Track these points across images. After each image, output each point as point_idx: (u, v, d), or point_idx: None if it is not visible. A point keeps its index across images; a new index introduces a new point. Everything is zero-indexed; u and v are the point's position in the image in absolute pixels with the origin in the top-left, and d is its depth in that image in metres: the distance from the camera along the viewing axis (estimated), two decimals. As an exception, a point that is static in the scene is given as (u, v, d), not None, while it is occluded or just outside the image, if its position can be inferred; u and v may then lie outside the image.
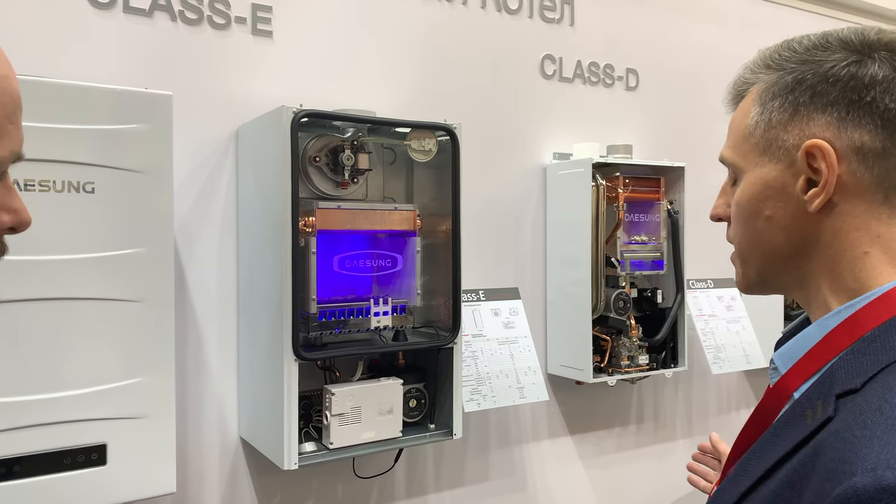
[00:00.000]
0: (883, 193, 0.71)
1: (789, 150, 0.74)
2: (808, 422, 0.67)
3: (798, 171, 0.73)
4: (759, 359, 2.33)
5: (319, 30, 1.74)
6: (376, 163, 1.68)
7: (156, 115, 1.29)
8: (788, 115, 0.74)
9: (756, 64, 0.79)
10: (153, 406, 1.29)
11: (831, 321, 0.73)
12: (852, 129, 0.70)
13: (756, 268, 0.81)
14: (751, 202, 0.77)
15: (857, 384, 0.65)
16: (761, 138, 0.76)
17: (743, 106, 0.80)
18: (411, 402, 1.64)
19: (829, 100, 0.71)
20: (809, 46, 0.74)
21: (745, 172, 0.78)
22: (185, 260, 1.58)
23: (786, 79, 0.74)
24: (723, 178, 0.85)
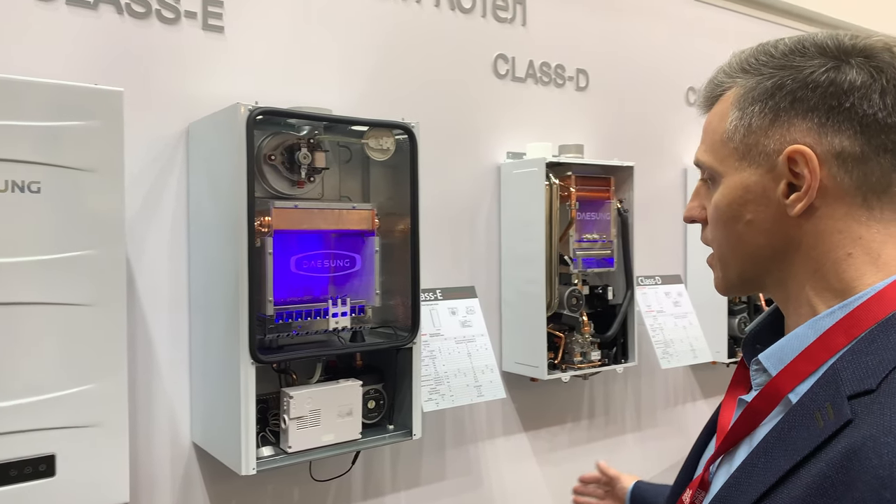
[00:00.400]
0: (862, 196, 0.72)
1: (770, 155, 0.74)
2: (820, 425, 0.66)
3: (779, 176, 0.73)
4: (706, 353, 2.39)
5: (273, 26, 1.71)
6: (332, 161, 1.66)
7: (106, 112, 1.24)
8: (769, 120, 0.74)
9: (732, 67, 0.79)
10: (105, 413, 1.24)
11: (825, 321, 0.73)
12: (832, 135, 0.71)
13: (737, 270, 0.81)
14: (731, 206, 0.78)
15: (871, 385, 0.65)
16: (741, 143, 0.76)
17: (719, 109, 0.80)
18: (370, 403, 1.63)
19: (809, 105, 0.72)
20: (786, 52, 0.75)
21: (724, 176, 0.78)
22: (134, 261, 1.53)
23: (765, 84, 0.75)
24: (669, 177, 0.86)
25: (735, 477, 0.73)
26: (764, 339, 0.86)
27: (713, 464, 0.82)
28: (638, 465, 2.47)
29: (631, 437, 2.46)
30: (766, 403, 0.76)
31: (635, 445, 2.47)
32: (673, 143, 2.56)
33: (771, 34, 0.79)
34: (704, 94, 0.83)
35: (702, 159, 0.82)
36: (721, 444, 0.81)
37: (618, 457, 2.42)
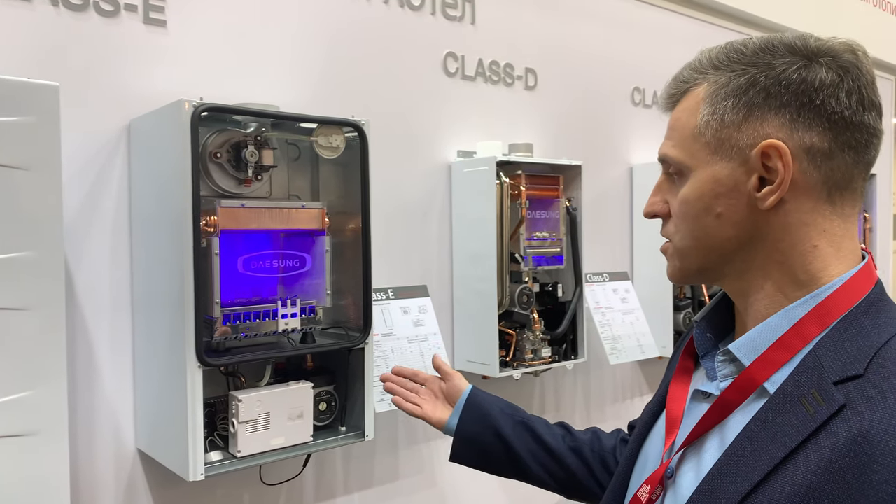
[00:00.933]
0: (827, 191, 0.75)
1: (743, 149, 0.76)
2: (810, 412, 0.69)
3: (752, 170, 0.75)
4: (652, 348, 2.44)
5: (218, 20, 1.66)
6: (281, 159, 1.63)
7: (41, 107, 1.18)
8: (742, 115, 0.76)
9: (702, 64, 0.81)
10: (43, 421, 1.19)
11: (798, 311, 0.75)
12: (803, 131, 0.74)
13: (699, 261, 0.82)
14: (702, 199, 0.79)
15: (858, 370, 0.69)
16: (713, 137, 0.78)
17: (687, 105, 0.81)
18: (321, 405, 1.60)
19: (782, 101, 0.74)
20: (756, 50, 0.77)
21: (694, 170, 0.80)
22: (73, 263, 1.47)
23: (738, 80, 0.76)
24: (616, 176, 0.87)
25: (719, 468, 0.74)
26: (713, 329, 0.88)
27: (674, 457, 0.82)
28: (588, 459, 2.49)
29: (581, 432, 2.49)
30: (739, 394, 0.77)
31: (585, 440, 2.50)
32: (619, 143, 2.60)
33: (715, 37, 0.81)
34: (669, 90, 0.84)
35: (669, 154, 0.82)
36: (687, 437, 0.80)
37: (568, 452, 2.44)
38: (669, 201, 0.84)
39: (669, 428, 0.86)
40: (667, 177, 0.85)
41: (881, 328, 0.72)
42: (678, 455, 0.81)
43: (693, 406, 0.84)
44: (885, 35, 3.89)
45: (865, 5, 3.76)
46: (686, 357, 0.90)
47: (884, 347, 0.70)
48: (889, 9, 3.96)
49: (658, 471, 0.83)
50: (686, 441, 0.80)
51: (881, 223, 3.65)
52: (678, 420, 0.85)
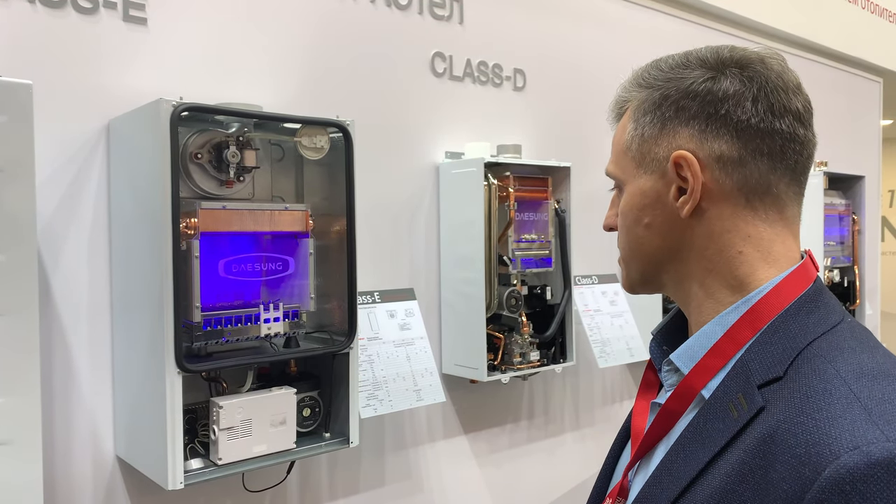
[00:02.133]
0: (745, 198, 0.77)
1: (661, 162, 0.79)
2: (734, 415, 0.70)
3: (670, 181, 0.78)
4: (641, 352, 2.42)
5: (200, 18, 1.63)
6: (264, 160, 1.60)
7: (13, 106, 1.15)
8: (658, 129, 0.80)
9: (630, 83, 0.85)
10: (16, 430, 1.16)
11: (731, 316, 0.77)
12: (712, 140, 0.76)
13: (638, 271, 0.86)
14: (632, 211, 0.83)
15: (779, 372, 0.70)
16: (637, 152, 0.82)
17: (621, 123, 0.86)
18: (305, 410, 1.57)
19: (690, 114, 0.77)
20: (673, 65, 0.80)
21: (626, 184, 0.84)
22: (49, 267, 1.44)
23: (654, 95, 0.80)
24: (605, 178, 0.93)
25: (654, 476, 0.76)
26: (671, 341, 0.89)
27: (631, 470, 0.83)
28: (577, 463, 2.48)
29: (570, 436, 2.47)
30: (680, 403, 0.78)
31: (574, 444, 2.48)
32: (608, 144, 2.57)
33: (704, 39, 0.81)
34: (612, 109, 0.89)
35: (609, 170, 0.88)
36: (637, 450, 0.82)
37: (557, 456, 2.42)
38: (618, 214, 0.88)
39: (633, 441, 0.87)
40: (616, 191, 0.90)
41: (808, 329, 0.72)
42: (635, 468, 0.83)
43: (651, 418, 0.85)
44: (871, 37, 3.90)
45: (853, 7, 3.77)
46: (650, 371, 0.92)
47: (806, 348, 0.70)
48: (877, 11, 3.97)
49: (619, 483, 0.85)
50: (639, 453, 0.82)
51: (869, 225, 3.66)
52: (641, 433, 0.86)
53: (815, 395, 0.65)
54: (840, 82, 3.82)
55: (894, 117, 6.03)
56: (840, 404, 0.63)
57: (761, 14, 3.17)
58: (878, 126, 4.23)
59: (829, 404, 0.64)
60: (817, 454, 0.60)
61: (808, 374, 0.68)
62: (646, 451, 0.81)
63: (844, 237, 3.30)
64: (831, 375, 0.67)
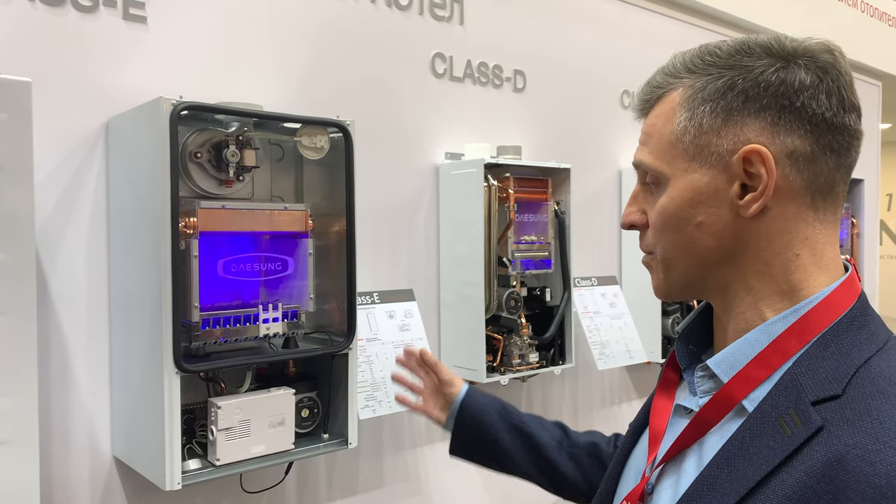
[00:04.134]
0: (810, 197, 0.72)
1: (723, 156, 0.73)
2: (787, 433, 0.66)
3: (733, 177, 0.72)
4: (641, 354, 2.42)
5: (200, 17, 1.63)
6: (263, 160, 1.59)
7: (12, 104, 1.14)
8: (721, 120, 0.73)
9: (676, 68, 0.77)
10: (12, 430, 1.15)
11: (777, 326, 0.72)
12: (784, 134, 0.71)
13: (682, 274, 0.79)
14: (681, 208, 0.76)
15: (836, 390, 0.65)
16: (691, 144, 0.75)
17: (663, 111, 0.78)
18: (303, 411, 1.57)
19: (761, 105, 0.71)
20: (732, 52, 0.74)
21: (673, 179, 0.76)
22: (47, 266, 1.43)
23: (716, 83, 0.73)
24: (605, 179, 0.85)
25: (695, 489, 0.71)
26: (696, 341, 0.85)
27: (654, 473, 0.79)
28: (575, 465, 2.47)
29: (568, 438, 2.46)
30: (717, 411, 0.74)
31: (573, 446, 2.47)
32: (608, 146, 2.58)
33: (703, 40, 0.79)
34: (642, 96, 0.81)
35: (646, 161, 0.79)
36: (665, 454, 0.78)
37: (556, 458, 2.41)
38: (647, 211, 0.81)
39: (652, 443, 0.83)
40: (643, 186, 0.82)
41: (862, 346, 0.69)
42: (657, 471, 0.79)
43: (675, 421, 0.82)
44: (869, 39, 3.90)
45: (852, 10, 3.77)
46: (670, 369, 0.87)
47: (864, 366, 0.67)
48: (876, 14, 3.97)
49: (638, 486, 0.81)
50: (665, 457, 0.78)
51: (868, 229, 3.66)
52: (660, 435, 0.82)
53: (888, 420, 0.62)
54: (839, 85, 3.81)
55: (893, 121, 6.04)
56: None
57: (760, 16, 3.17)
58: (877, 129, 4.23)
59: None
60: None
61: (875, 395, 0.64)
62: (673, 456, 0.77)
63: (843, 240, 3.30)
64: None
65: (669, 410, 0.84)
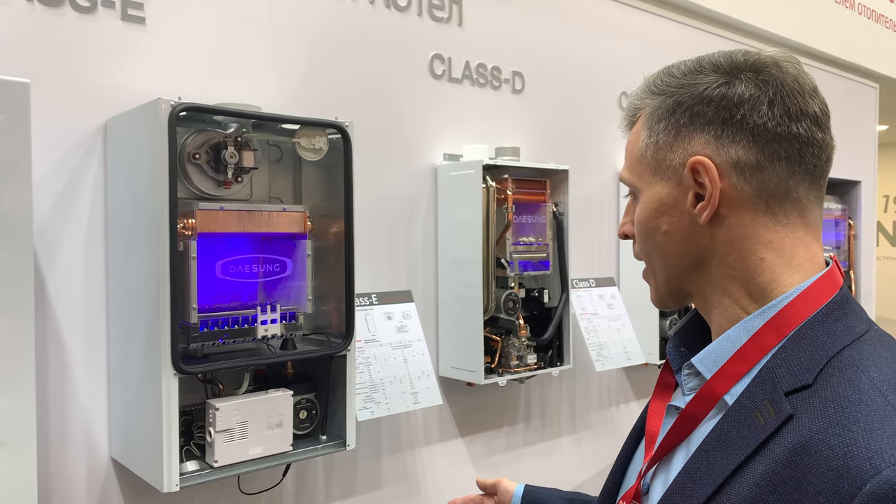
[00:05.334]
0: (764, 203, 0.75)
1: (676, 169, 0.78)
2: (760, 423, 0.68)
3: (686, 188, 0.77)
4: (638, 355, 2.42)
5: (199, 18, 1.62)
6: (262, 161, 1.59)
7: (11, 105, 1.14)
8: (672, 136, 0.78)
9: (642, 90, 0.84)
10: (10, 431, 1.14)
11: (755, 322, 0.75)
12: (728, 146, 0.75)
13: (663, 281, 0.85)
14: (649, 219, 0.82)
15: (808, 380, 0.68)
16: (651, 159, 0.81)
17: (634, 130, 0.85)
18: (301, 413, 1.57)
19: (705, 119, 0.76)
20: (686, 71, 0.79)
21: (642, 192, 0.83)
22: (45, 267, 1.43)
23: (667, 102, 0.79)
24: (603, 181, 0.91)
25: (677, 482, 0.74)
26: (689, 343, 0.88)
27: (647, 473, 0.82)
28: (574, 466, 2.47)
29: (566, 439, 2.47)
30: (701, 407, 0.77)
31: (571, 447, 2.47)
32: (606, 147, 2.58)
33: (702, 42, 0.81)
34: (625, 116, 0.88)
35: (623, 177, 0.87)
36: (656, 453, 0.81)
37: (554, 459, 2.42)
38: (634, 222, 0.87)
39: (648, 443, 0.86)
40: (631, 199, 0.88)
41: (836, 337, 0.71)
42: (652, 470, 0.82)
43: (668, 421, 0.85)
44: (867, 41, 3.91)
45: (849, 13, 3.78)
46: (666, 372, 0.90)
47: (835, 357, 0.69)
48: (873, 17, 3.98)
49: (634, 486, 0.83)
50: (656, 456, 0.81)
51: (865, 230, 3.67)
52: (656, 435, 0.85)
53: (850, 405, 0.64)
54: (836, 87, 3.83)
55: (890, 122, 6.05)
56: (877, 416, 0.62)
57: (759, 18, 3.18)
58: (875, 131, 4.24)
59: (866, 416, 0.62)
60: (857, 468, 0.59)
61: (841, 383, 0.67)
62: (663, 455, 0.80)
63: (840, 242, 3.31)
64: (865, 385, 0.65)
65: (663, 412, 0.86)
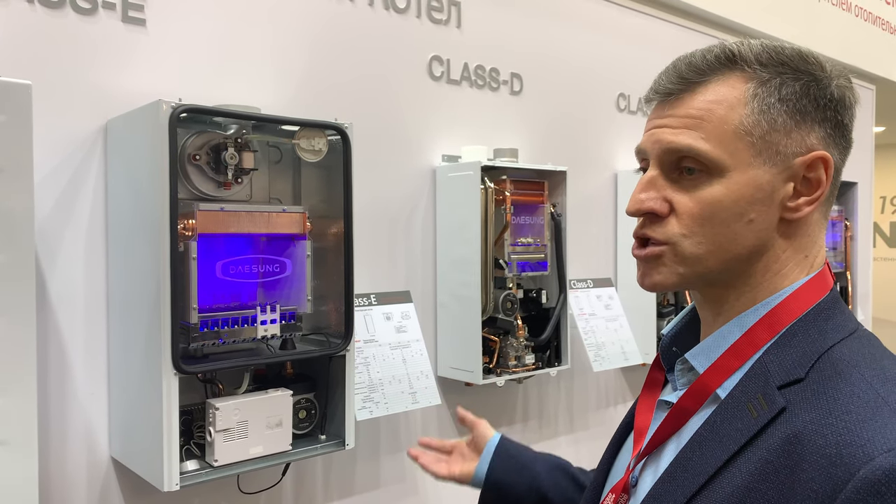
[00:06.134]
0: (827, 206, 0.78)
1: (787, 157, 0.73)
2: (754, 415, 0.70)
3: (790, 178, 0.74)
4: (636, 355, 2.43)
5: (199, 20, 1.63)
6: (261, 162, 1.60)
7: (12, 106, 1.15)
8: (795, 122, 0.73)
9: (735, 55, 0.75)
10: (12, 430, 1.15)
11: (749, 318, 0.76)
12: (833, 147, 0.76)
13: (708, 268, 0.76)
14: (738, 203, 0.73)
15: (800, 374, 0.70)
16: (760, 139, 0.73)
17: (723, 97, 0.74)
18: (301, 413, 1.57)
19: (825, 115, 0.75)
20: (796, 57, 0.75)
21: (732, 171, 0.73)
22: (46, 267, 1.43)
23: (793, 85, 0.73)
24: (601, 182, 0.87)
25: (669, 472, 0.75)
26: (681, 342, 0.89)
27: (637, 466, 0.83)
28: (571, 467, 2.48)
29: (564, 439, 2.48)
30: (694, 401, 0.78)
31: (568, 447, 2.48)
32: (604, 149, 2.59)
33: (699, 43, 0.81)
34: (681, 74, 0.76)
35: (699, 148, 0.73)
36: (646, 446, 0.81)
37: (551, 459, 2.42)
38: (673, 199, 0.76)
39: (636, 438, 0.87)
40: (667, 173, 0.77)
41: (827, 334, 0.73)
42: (641, 463, 0.83)
43: (658, 416, 0.85)
44: (863, 43, 3.93)
45: (846, 15, 3.79)
46: (655, 369, 0.91)
47: (827, 353, 0.71)
48: (870, 19, 4.00)
49: (622, 479, 0.84)
50: (647, 449, 0.81)
51: (862, 231, 3.68)
52: (645, 429, 0.86)
53: (843, 397, 0.66)
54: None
55: (887, 124, 6.07)
56: (869, 407, 0.64)
57: (756, 20, 3.19)
58: (871, 132, 4.26)
59: (858, 407, 0.64)
60: (850, 455, 0.61)
61: (833, 376, 0.68)
62: (654, 448, 0.81)
63: (837, 243, 3.32)
64: (857, 379, 0.67)
65: (653, 407, 0.87)
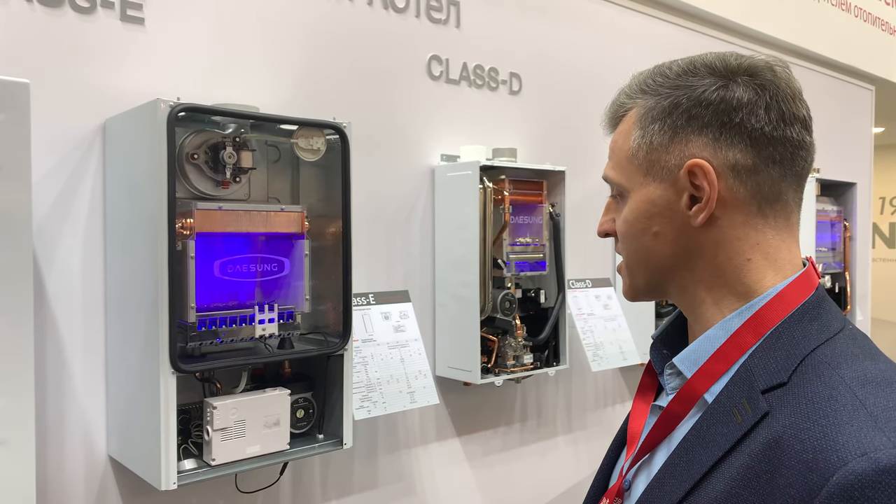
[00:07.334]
0: (757, 206, 0.77)
1: (671, 170, 0.78)
2: (738, 420, 0.70)
3: (681, 190, 0.78)
4: (634, 355, 2.43)
5: (198, 19, 1.63)
6: (260, 161, 1.60)
7: (11, 105, 1.15)
8: (668, 137, 0.78)
9: (631, 89, 0.84)
10: (9, 430, 1.15)
11: (734, 322, 0.77)
12: (726, 149, 0.76)
13: (643, 279, 0.85)
14: (639, 220, 0.82)
15: (783, 378, 0.70)
16: (644, 160, 0.80)
17: (623, 129, 0.84)
18: (299, 412, 1.57)
19: (703, 122, 0.76)
20: (679, 72, 0.79)
21: (631, 192, 0.82)
22: (44, 266, 1.43)
23: (662, 103, 0.79)
24: (599, 182, 0.92)
25: (657, 478, 0.76)
26: (671, 345, 0.90)
27: (630, 471, 0.84)
28: (569, 466, 2.48)
29: (562, 439, 2.48)
30: (682, 406, 0.79)
31: (566, 447, 2.48)
32: (603, 149, 2.58)
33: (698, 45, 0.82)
34: (609, 114, 0.88)
35: (610, 176, 0.86)
36: (637, 452, 0.82)
37: (549, 459, 2.43)
38: (616, 220, 0.87)
39: (630, 443, 0.88)
40: (613, 197, 0.89)
41: (811, 336, 0.73)
42: (634, 468, 0.83)
43: (651, 420, 0.86)
44: (862, 44, 3.93)
45: (846, 15, 3.79)
46: (648, 373, 0.92)
47: (810, 355, 0.71)
48: (869, 20, 4.00)
49: (616, 483, 0.85)
50: (639, 454, 0.82)
51: (861, 232, 3.68)
52: (637, 435, 0.87)
53: (821, 401, 0.66)
54: (833, 89, 3.85)
55: (886, 124, 6.07)
56: (846, 411, 0.64)
57: (756, 21, 3.19)
58: (870, 133, 4.26)
59: (836, 411, 0.64)
60: (825, 460, 0.61)
61: (813, 380, 0.69)
62: (645, 453, 0.82)
63: (836, 243, 3.32)
64: (836, 382, 0.67)
65: (646, 412, 0.88)
